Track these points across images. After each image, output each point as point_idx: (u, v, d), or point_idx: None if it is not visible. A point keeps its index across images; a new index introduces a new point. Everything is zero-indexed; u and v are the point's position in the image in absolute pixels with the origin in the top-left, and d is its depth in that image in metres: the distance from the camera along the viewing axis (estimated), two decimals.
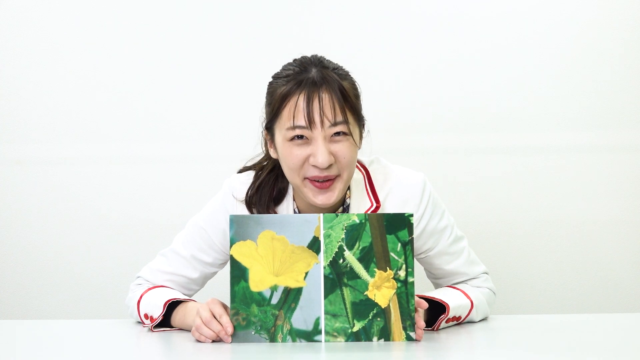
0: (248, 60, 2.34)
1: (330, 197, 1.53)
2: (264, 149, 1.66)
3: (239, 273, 1.42)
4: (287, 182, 1.61)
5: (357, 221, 1.42)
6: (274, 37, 2.33)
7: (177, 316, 1.57)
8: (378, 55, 2.32)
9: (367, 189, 1.62)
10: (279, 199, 1.62)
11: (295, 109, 1.49)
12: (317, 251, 1.42)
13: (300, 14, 2.34)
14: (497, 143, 2.33)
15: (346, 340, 1.41)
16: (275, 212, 1.61)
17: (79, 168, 2.35)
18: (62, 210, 2.35)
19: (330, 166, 1.50)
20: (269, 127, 1.58)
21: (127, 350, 1.42)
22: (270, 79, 1.58)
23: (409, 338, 1.41)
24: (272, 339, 1.41)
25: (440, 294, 1.58)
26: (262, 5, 2.34)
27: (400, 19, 2.32)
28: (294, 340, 1.41)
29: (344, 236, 1.42)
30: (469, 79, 2.33)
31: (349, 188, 1.61)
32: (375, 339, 1.41)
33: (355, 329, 1.41)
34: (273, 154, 1.59)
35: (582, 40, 2.32)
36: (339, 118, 1.49)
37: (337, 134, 1.50)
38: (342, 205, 1.62)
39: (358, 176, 1.62)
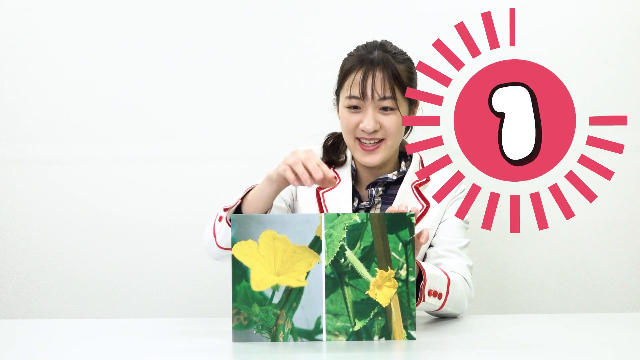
0: (248, 60, 2.34)
1: (374, 158, 1.80)
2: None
3: (240, 272, 1.42)
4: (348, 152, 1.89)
5: (359, 221, 1.42)
6: (274, 37, 2.33)
7: (250, 193, 1.68)
8: None
9: (420, 167, 1.89)
10: (343, 161, 1.89)
11: (353, 82, 1.78)
12: (319, 251, 1.42)
13: (300, 13, 2.34)
14: None
15: (347, 339, 1.41)
16: (341, 164, 1.88)
17: (79, 168, 2.35)
18: (62, 210, 2.34)
19: (376, 132, 1.78)
20: (337, 94, 1.87)
21: (127, 350, 1.42)
22: (346, 56, 1.86)
23: (409, 337, 1.41)
24: (274, 338, 1.41)
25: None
26: (263, 5, 2.34)
27: (401, 18, 2.32)
28: (295, 340, 1.41)
29: (345, 236, 1.42)
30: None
31: (410, 159, 1.89)
32: (376, 338, 1.41)
33: (356, 328, 1.41)
34: (339, 117, 1.86)
35: (582, 39, 2.32)
36: (388, 94, 1.76)
37: (385, 108, 1.77)
38: (398, 170, 1.87)
39: (416, 156, 1.91)
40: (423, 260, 1.79)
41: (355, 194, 1.86)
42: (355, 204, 1.84)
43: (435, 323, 1.63)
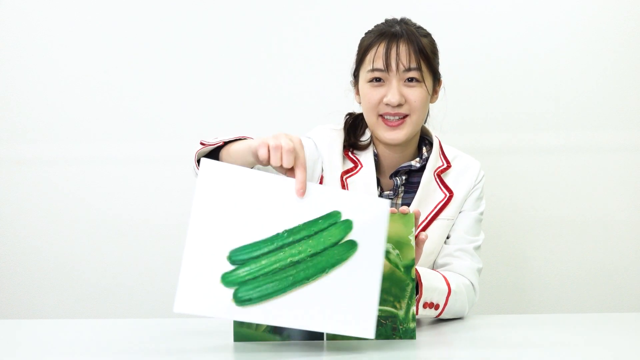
0: (248, 60, 2.34)
1: (398, 134, 1.72)
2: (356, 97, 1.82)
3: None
4: (368, 134, 1.81)
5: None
6: (274, 38, 2.33)
7: (234, 144, 1.52)
8: None
9: (440, 151, 1.82)
10: (363, 146, 1.80)
11: (376, 55, 1.70)
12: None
13: (301, 13, 2.34)
14: (496, 143, 2.33)
15: (348, 339, 1.41)
16: (362, 148, 1.79)
17: (79, 168, 2.35)
18: (62, 210, 2.34)
19: (401, 106, 1.70)
20: (356, 75, 1.78)
21: (127, 350, 1.42)
22: (363, 35, 1.78)
23: (410, 337, 1.41)
24: (275, 335, 1.41)
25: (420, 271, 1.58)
26: (262, 4, 2.34)
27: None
28: (296, 339, 1.41)
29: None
30: (469, 80, 2.33)
31: (430, 145, 1.82)
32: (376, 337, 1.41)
33: None
34: (357, 100, 1.80)
35: (583, 40, 2.32)
36: (413, 65, 1.69)
37: (410, 79, 1.70)
38: (420, 157, 1.80)
39: (435, 140, 1.83)
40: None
41: (377, 182, 1.77)
42: (378, 192, 1.77)
43: (436, 323, 1.63)
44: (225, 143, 1.55)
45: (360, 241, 1.31)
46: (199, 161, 1.56)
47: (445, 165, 1.79)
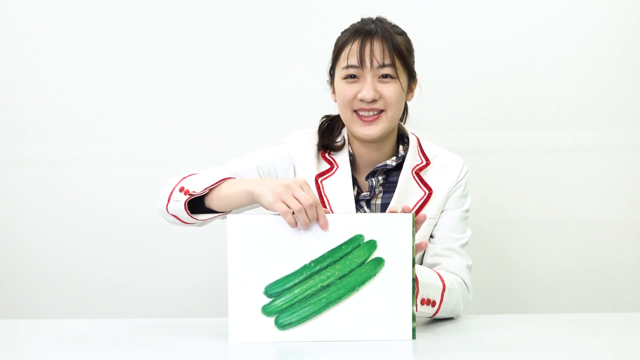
0: (247, 60, 2.34)
1: (374, 130, 1.71)
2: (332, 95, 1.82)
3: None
4: (343, 134, 1.81)
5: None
6: (273, 38, 2.33)
7: (222, 188, 1.56)
8: None
9: (418, 149, 1.81)
10: (338, 147, 1.80)
11: (350, 52, 1.71)
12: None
13: (299, 13, 2.34)
14: (496, 143, 2.33)
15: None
16: (337, 149, 1.79)
17: (78, 168, 2.35)
18: (62, 210, 2.34)
19: (375, 102, 1.70)
20: (332, 74, 1.79)
21: (127, 350, 1.42)
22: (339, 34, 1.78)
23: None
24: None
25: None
26: (262, 5, 2.34)
27: (403, 18, 2.32)
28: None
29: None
30: (469, 80, 2.33)
31: (407, 143, 1.80)
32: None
33: None
34: (333, 99, 1.79)
35: (583, 39, 2.32)
36: (387, 61, 1.69)
37: (385, 76, 1.70)
38: (396, 155, 1.78)
39: (413, 138, 1.82)
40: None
41: (354, 182, 1.77)
42: (355, 193, 1.76)
43: (435, 323, 1.63)
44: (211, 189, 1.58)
45: (387, 257, 1.41)
46: (190, 203, 1.60)
47: (424, 162, 1.78)
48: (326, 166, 1.78)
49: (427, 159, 1.79)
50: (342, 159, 1.78)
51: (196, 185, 1.58)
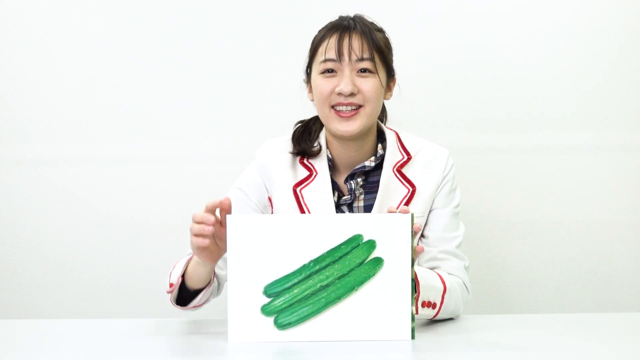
0: (247, 60, 2.34)
1: (352, 126, 1.66)
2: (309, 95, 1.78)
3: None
4: (320, 139, 1.76)
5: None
6: (273, 37, 2.33)
7: (188, 270, 1.64)
8: None
9: (398, 144, 1.75)
10: (316, 152, 1.75)
11: (328, 46, 1.67)
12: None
13: (299, 13, 2.34)
14: (496, 143, 2.33)
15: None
16: (315, 154, 1.73)
17: (78, 168, 2.35)
18: (62, 210, 2.35)
19: (353, 96, 1.65)
20: (309, 72, 1.74)
21: (127, 350, 1.42)
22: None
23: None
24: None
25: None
26: (261, 4, 2.34)
27: (402, 19, 2.32)
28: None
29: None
30: (469, 80, 2.33)
31: (385, 141, 1.74)
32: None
33: None
34: (310, 97, 1.75)
35: (583, 39, 2.32)
36: (366, 55, 1.65)
37: (363, 70, 1.66)
38: (375, 155, 1.73)
39: (390, 133, 1.77)
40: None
41: (335, 186, 1.72)
42: (336, 198, 1.71)
43: (435, 323, 1.63)
44: (183, 276, 1.65)
45: (386, 257, 1.41)
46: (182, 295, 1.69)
47: (405, 158, 1.72)
48: (304, 173, 1.73)
49: (408, 153, 1.73)
50: (320, 164, 1.73)
51: (173, 278, 1.66)
